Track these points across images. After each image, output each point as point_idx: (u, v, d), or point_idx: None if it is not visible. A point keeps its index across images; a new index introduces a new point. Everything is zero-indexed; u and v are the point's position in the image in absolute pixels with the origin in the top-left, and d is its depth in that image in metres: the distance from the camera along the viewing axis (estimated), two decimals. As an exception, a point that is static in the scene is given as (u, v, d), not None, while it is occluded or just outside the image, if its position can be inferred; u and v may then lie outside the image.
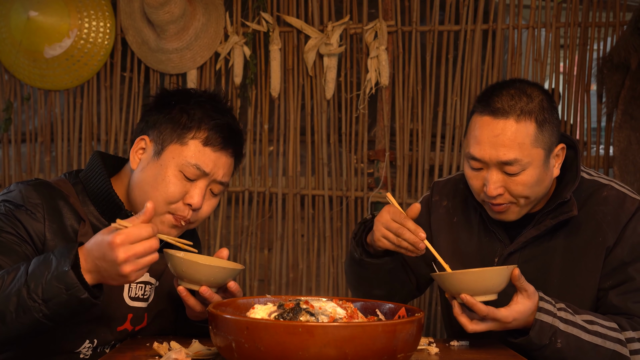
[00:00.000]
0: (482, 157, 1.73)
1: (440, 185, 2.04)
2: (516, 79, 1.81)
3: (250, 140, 3.47)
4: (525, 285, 1.63)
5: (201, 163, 1.65)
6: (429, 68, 3.37)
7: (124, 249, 1.35)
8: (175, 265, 1.58)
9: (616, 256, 1.78)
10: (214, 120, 1.67)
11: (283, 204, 3.47)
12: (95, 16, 3.38)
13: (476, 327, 1.63)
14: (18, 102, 3.57)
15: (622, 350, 1.71)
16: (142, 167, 1.68)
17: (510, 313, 1.62)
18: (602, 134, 3.37)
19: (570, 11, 3.25)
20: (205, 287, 1.58)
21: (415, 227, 1.71)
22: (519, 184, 1.73)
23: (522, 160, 1.71)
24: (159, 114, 1.69)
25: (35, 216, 1.60)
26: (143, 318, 1.74)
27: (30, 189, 1.63)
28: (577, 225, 1.81)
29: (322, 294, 3.43)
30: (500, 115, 1.72)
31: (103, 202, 1.68)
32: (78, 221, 1.65)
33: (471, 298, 1.59)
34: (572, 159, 1.84)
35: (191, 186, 1.66)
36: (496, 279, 1.60)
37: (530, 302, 1.63)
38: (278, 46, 3.36)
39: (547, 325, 1.65)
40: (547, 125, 1.73)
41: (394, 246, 1.74)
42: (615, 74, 3.13)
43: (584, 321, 1.70)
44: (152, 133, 1.68)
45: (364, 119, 3.38)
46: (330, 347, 1.24)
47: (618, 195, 1.82)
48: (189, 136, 1.65)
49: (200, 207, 1.68)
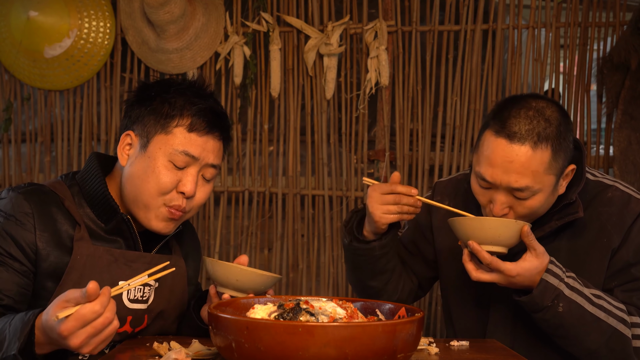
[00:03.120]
0: (494, 182, 1.71)
1: (442, 186, 2.05)
2: (533, 95, 1.74)
3: (250, 140, 3.47)
4: (535, 244, 1.65)
5: (189, 149, 1.64)
6: (429, 68, 3.37)
7: (75, 336, 1.31)
8: (223, 274, 1.63)
9: (621, 257, 1.78)
10: (196, 105, 1.66)
11: (283, 204, 3.47)
12: (95, 16, 3.38)
13: (481, 276, 1.68)
14: (18, 102, 3.57)
15: (624, 330, 1.71)
16: (131, 162, 1.68)
17: (514, 267, 1.64)
18: (602, 134, 3.37)
19: (570, 11, 3.25)
20: (252, 295, 1.64)
21: (406, 189, 1.79)
22: (526, 207, 1.72)
23: (533, 187, 1.69)
24: (141, 107, 1.69)
25: (26, 226, 1.59)
26: (143, 319, 1.74)
27: (21, 198, 1.61)
28: (582, 226, 1.80)
29: (322, 294, 3.43)
30: (517, 140, 1.66)
31: (99, 204, 1.67)
32: (73, 226, 1.64)
33: (477, 245, 1.64)
34: (578, 160, 1.81)
35: (182, 174, 1.66)
36: (502, 229, 1.64)
37: (538, 261, 1.65)
38: (278, 46, 3.36)
39: (552, 287, 1.66)
40: (561, 152, 1.70)
41: (398, 216, 1.80)
42: (615, 74, 3.13)
43: (592, 294, 1.71)
44: (136, 127, 1.68)
45: (364, 119, 3.38)
46: (330, 347, 1.23)
47: (623, 196, 1.81)
48: (173, 124, 1.65)
49: (194, 194, 1.67)
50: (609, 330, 1.70)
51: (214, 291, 1.70)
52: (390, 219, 1.80)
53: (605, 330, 1.70)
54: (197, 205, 1.72)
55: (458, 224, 1.69)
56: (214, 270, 1.65)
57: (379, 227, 1.83)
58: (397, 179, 1.81)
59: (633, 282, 1.78)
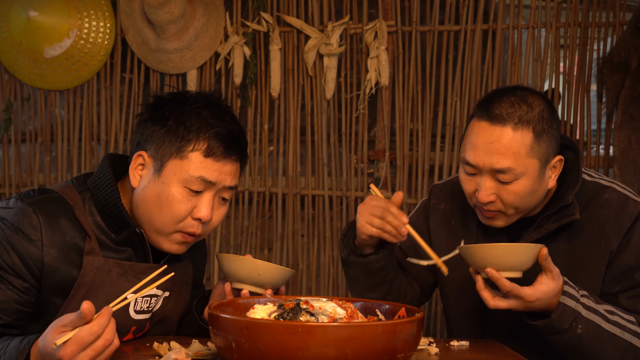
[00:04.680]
0: (476, 163, 1.72)
1: (439, 188, 2.04)
2: (519, 86, 1.78)
3: (250, 140, 3.46)
4: (551, 266, 1.62)
5: (205, 174, 1.57)
6: (429, 68, 3.37)
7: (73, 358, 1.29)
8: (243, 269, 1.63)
9: (623, 261, 1.77)
10: (213, 128, 1.58)
11: (283, 204, 3.47)
12: (95, 16, 3.38)
13: (499, 304, 1.62)
14: (18, 102, 3.57)
15: (638, 344, 1.70)
16: (144, 185, 1.60)
17: (534, 292, 1.60)
18: (602, 134, 3.37)
19: (570, 11, 3.25)
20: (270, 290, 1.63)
21: (398, 212, 1.73)
22: (511, 193, 1.71)
23: (515, 170, 1.69)
24: (154, 125, 1.60)
25: (33, 242, 1.53)
26: (145, 326, 1.72)
27: (30, 212, 1.54)
28: (579, 228, 1.80)
29: (322, 294, 3.43)
30: (498, 122, 1.70)
31: (111, 214, 1.61)
32: (83, 238, 1.58)
33: (496, 272, 1.59)
34: (573, 161, 1.82)
35: (198, 200, 1.58)
36: (523, 255, 1.59)
37: (555, 283, 1.62)
38: (278, 46, 3.36)
39: (570, 310, 1.63)
40: (544, 136, 1.71)
41: (378, 231, 1.75)
42: (615, 74, 3.13)
43: (605, 310, 1.69)
44: (149, 147, 1.60)
45: (364, 119, 3.38)
46: (330, 347, 1.23)
47: (620, 197, 1.80)
48: (189, 149, 1.57)
49: (210, 219, 1.61)
50: (624, 345, 1.69)
51: (230, 288, 1.67)
52: (370, 231, 1.76)
53: (620, 346, 1.69)
54: (212, 228, 1.67)
55: (475, 252, 1.62)
56: (233, 266, 1.64)
57: (359, 235, 1.80)
58: (397, 201, 1.77)
59: (637, 287, 1.77)
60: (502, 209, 1.74)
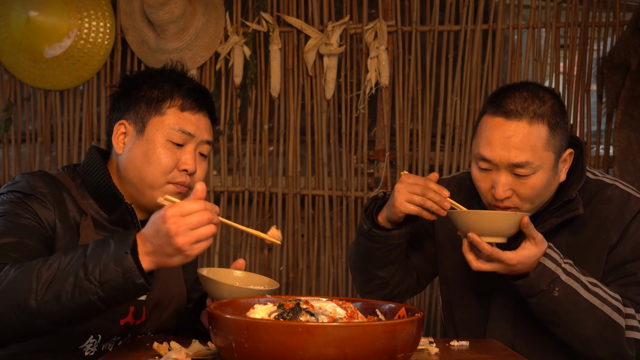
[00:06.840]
0: (493, 159, 1.74)
1: (445, 183, 2.04)
2: (528, 82, 1.81)
3: (250, 140, 3.47)
4: (534, 233, 1.68)
5: (184, 126, 1.71)
6: (429, 68, 3.37)
7: (174, 221, 1.33)
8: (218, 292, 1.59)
9: (618, 254, 1.80)
10: (184, 86, 1.74)
11: (283, 204, 3.47)
12: (95, 16, 3.38)
13: (481, 266, 1.70)
14: (18, 102, 3.57)
15: (618, 319, 1.72)
16: (129, 148, 1.72)
17: (515, 256, 1.67)
18: (602, 134, 3.37)
19: (570, 11, 3.26)
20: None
21: (439, 187, 1.77)
22: (528, 187, 1.74)
23: (533, 163, 1.72)
24: (129, 96, 1.75)
25: (46, 204, 1.63)
26: (142, 312, 1.74)
27: (37, 179, 1.66)
28: (581, 224, 1.82)
29: (322, 294, 3.43)
30: (513, 117, 1.72)
31: (103, 195, 1.71)
32: (80, 214, 1.68)
33: (477, 237, 1.67)
34: (578, 158, 1.85)
35: (181, 153, 1.72)
36: (502, 222, 1.67)
37: (537, 248, 1.68)
38: (278, 46, 3.36)
39: (549, 271, 1.68)
40: (558, 129, 1.74)
41: (418, 208, 1.77)
42: (615, 74, 3.13)
43: (588, 281, 1.73)
44: (128, 116, 1.74)
45: (364, 119, 3.38)
46: (330, 347, 1.23)
47: (622, 194, 1.83)
48: (166, 106, 1.72)
49: (195, 170, 1.73)
50: (604, 318, 1.71)
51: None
52: (409, 209, 1.78)
53: (599, 318, 1.71)
54: (198, 180, 1.73)
55: (458, 217, 1.72)
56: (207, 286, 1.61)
57: (395, 214, 1.81)
58: (435, 179, 1.81)
59: (628, 277, 1.79)
60: (519, 204, 1.77)
